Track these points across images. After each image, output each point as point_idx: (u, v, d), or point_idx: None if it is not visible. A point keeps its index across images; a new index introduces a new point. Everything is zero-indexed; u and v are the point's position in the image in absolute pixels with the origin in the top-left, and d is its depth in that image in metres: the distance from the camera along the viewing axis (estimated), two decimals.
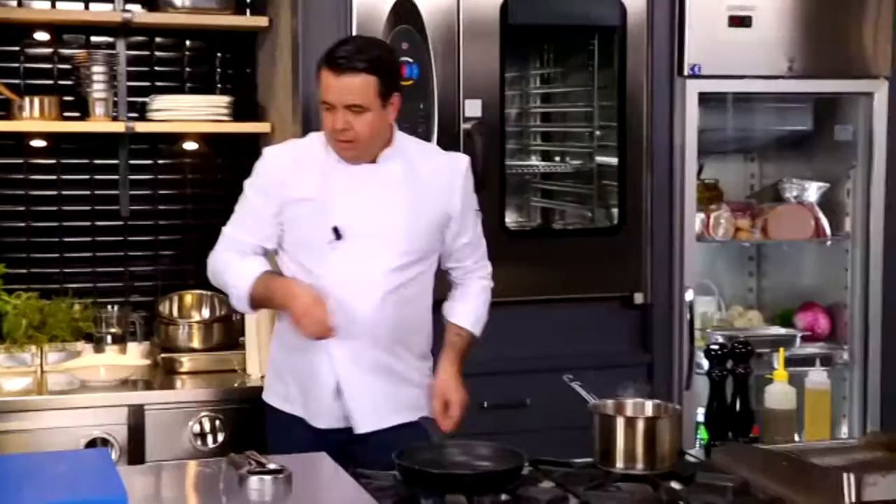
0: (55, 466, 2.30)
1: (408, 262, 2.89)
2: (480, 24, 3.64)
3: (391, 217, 2.87)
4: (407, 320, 2.93)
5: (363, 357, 2.89)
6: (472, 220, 3.02)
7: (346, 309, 2.84)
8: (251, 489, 2.27)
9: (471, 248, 3.04)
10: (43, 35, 3.92)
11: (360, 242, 2.85)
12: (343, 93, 2.75)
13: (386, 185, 2.87)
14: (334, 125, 2.78)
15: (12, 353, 3.70)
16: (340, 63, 2.75)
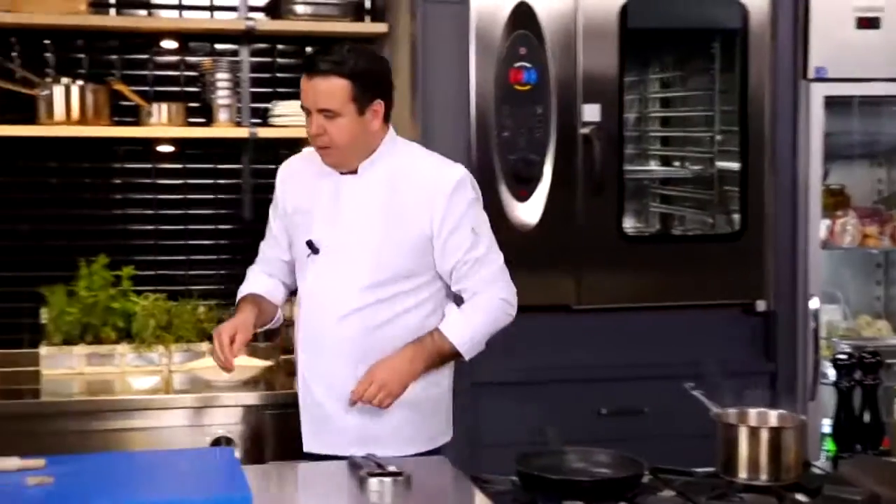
0: (181, 464, 2.36)
1: (380, 281, 2.74)
2: (599, 28, 3.61)
3: (364, 232, 2.75)
4: (382, 344, 2.75)
5: (332, 379, 2.77)
6: (466, 241, 2.76)
7: (312, 324, 2.81)
8: (371, 491, 2.30)
9: (468, 270, 2.79)
10: (170, 43, 4.02)
11: (333, 257, 2.77)
12: (313, 96, 2.69)
13: (363, 198, 2.77)
14: (309, 129, 2.73)
15: (141, 352, 3.80)
16: (312, 65, 2.70)
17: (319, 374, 2.80)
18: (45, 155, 3.96)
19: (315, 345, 2.81)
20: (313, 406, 2.83)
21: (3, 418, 3.37)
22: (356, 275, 2.75)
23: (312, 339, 2.81)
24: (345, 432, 2.77)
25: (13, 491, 2.08)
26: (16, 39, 3.92)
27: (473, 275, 2.80)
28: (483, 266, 2.81)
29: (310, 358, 2.83)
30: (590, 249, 3.62)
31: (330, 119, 2.69)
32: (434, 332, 2.79)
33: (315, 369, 2.81)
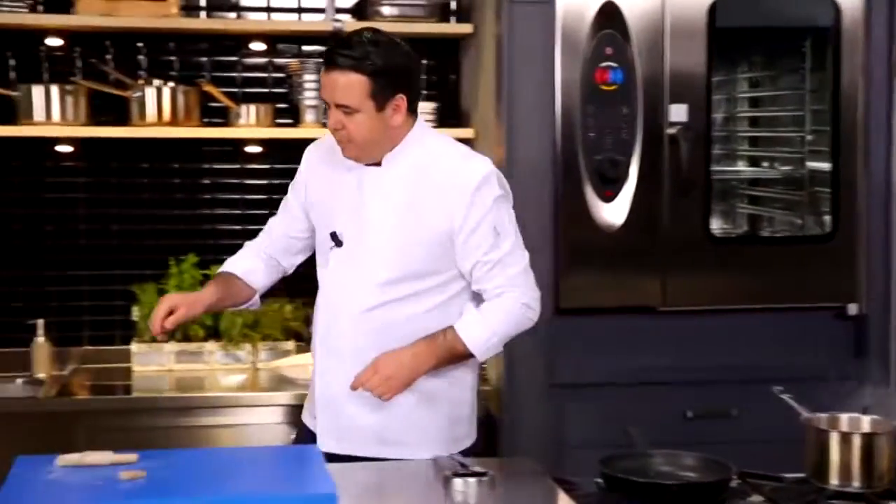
0: (268, 461, 2.38)
1: (400, 278, 2.66)
2: (687, 27, 3.57)
3: (385, 226, 2.66)
4: (401, 342, 2.65)
5: (344, 375, 2.66)
6: (487, 241, 2.65)
7: (329, 318, 2.74)
8: (455, 491, 2.29)
9: (487, 272, 2.67)
10: (259, 45, 4.07)
11: (354, 250, 2.69)
12: (331, 91, 2.59)
13: (385, 191, 2.67)
14: (328, 123, 2.66)
15: (228, 350, 3.86)
16: (329, 58, 2.60)
17: (337, 371, 2.70)
18: (136, 156, 4.03)
19: (332, 340, 2.72)
20: (331, 404, 2.72)
21: (96, 413, 3.45)
22: (376, 270, 2.66)
23: (330, 334, 2.72)
24: (364, 431, 2.70)
25: (107, 485, 2.12)
26: (110, 43, 4.00)
27: (494, 276, 2.67)
28: (504, 268, 2.67)
29: (327, 354, 2.74)
30: (676, 251, 3.58)
31: (348, 115, 2.59)
32: (448, 330, 2.66)
33: (332, 366, 2.72)
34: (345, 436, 2.71)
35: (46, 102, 3.76)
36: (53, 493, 2.10)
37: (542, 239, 3.49)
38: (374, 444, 2.69)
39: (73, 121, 3.79)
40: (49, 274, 3.99)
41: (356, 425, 2.71)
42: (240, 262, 2.92)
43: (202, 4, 4.07)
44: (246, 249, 2.96)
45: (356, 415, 2.70)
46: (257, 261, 2.92)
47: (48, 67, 3.98)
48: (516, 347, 3.50)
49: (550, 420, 3.54)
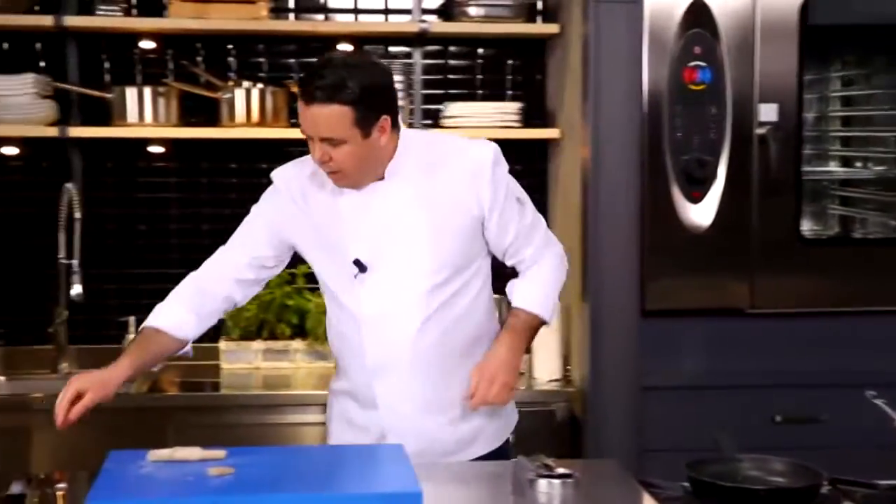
0: (354, 459, 2.39)
1: (444, 280, 2.60)
2: (778, 26, 3.52)
3: (412, 237, 2.58)
4: (460, 339, 2.65)
5: (411, 397, 2.63)
6: (516, 212, 2.66)
7: (384, 345, 2.61)
8: (539, 492, 2.29)
9: (524, 240, 2.69)
10: (346, 46, 4.10)
11: (385, 270, 2.59)
12: (313, 125, 2.46)
13: (399, 203, 2.58)
14: (314, 156, 2.51)
15: (314, 348, 3.89)
16: (310, 93, 2.43)
17: (399, 392, 2.64)
18: (226, 156, 4.09)
19: (390, 364, 2.62)
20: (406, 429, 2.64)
21: (185, 410, 3.51)
22: (418, 280, 2.59)
23: (387, 359, 2.62)
24: (444, 443, 2.68)
25: (196, 480, 2.15)
26: (201, 45, 4.07)
27: (529, 243, 2.70)
28: (535, 231, 2.72)
29: (385, 378, 2.64)
30: (765, 252, 3.54)
31: (335, 146, 2.47)
32: (517, 312, 2.68)
33: (393, 388, 2.64)
34: (425, 451, 2.64)
35: (139, 104, 3.83)
36: (145, 487, 2.13)
37: (628, 240, 3.47)
38: (453, 454, 2.69)
39: (164, 122, 3.86)
40: (141, 272, 4.06)
41: (434, 438, 2.67)
42: (165, 316, 2.71)
43: (291, 6, 4.11)
44: (174, 299, 2.73)
45: (433, 429, 2.67)
46: (185, 312, 2.71)
47: (141, 70, 4.06)
48: (602, 349, 3.50)
49: (636, 423, 3.51)
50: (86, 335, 3.98)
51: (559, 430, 3.59)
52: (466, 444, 2.71)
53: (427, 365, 2.62)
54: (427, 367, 2.62)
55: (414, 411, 2.65)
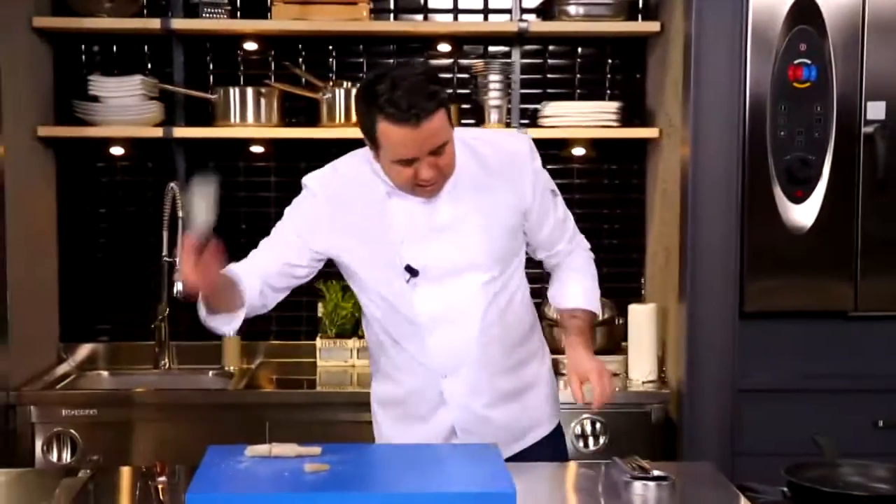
0: (448, 457, 2.40)
1: (495, 276, 2.61)
2: (888, 22, 3.44)
3: (462, 236, 2.56)
4: (516, 328, 2.68)
5: (481, 391, 2.64)
6: (551, 203, 2.69)
7: (450, 347, 2.60)
8: (635, 494, 2.27)
9: (559, 231, 2.73)
10: (444, 46, 4.12)
11: (438, 272, 2.57)
12: (425, 141, 2.39)
13: (448, 203, 2.56)
14: (420, 177, 2.43)
15: None
16: (415, 113, 2.34)
17: (469, 388, 2.64)
18: (325, 155, 4.10)
19: (459, 363, 2.62)
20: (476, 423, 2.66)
21: (282, 406, 3.57)
22: (472, 279, 2.59)
23: (455, 359, 2.62)
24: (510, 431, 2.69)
25: (293, 476, 2.17)
26: (302, 46, 4.12)
27: (562, 236, 2.75)
28: (568, 222, 2.77)
29: (454, 377, 2.64)
30: (870, 253, 3.45)
31: (440, 154, 2.43)
32: (575, 313, 2.73)
33: (463, 386, 2.64)
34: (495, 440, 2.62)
35: (241, 105, 3.90)
36: (242, 482, 2.17)
37: (728, 240, 3.43)
38: (514, 442, 2.70)
39: (265, 122, 3.92)
40: None
41: (503, 426, 2.68)
42: (240, 269, 2.62)
43: (391, 7, 4.14)
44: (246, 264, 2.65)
45: (502, 418, 2.68)
46: (255, 279, 2.62)
47: (244, 71, 4.12)
48: (698, 350, 3.45)
49: (733, 425, 3.46)
50: (186, 332, 4.04)
51: (654, 432, 3.56)
52: (529, 429, 2.74)
53: (492, 358, 2.64)
54: (493, 360, 2.64)
55: (484, 404, 2.66)
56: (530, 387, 2.74)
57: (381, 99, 2.36)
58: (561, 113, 3.92)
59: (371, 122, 2.40)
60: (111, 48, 4.08)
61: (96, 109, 3.86)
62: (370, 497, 2.11)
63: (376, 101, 2.37)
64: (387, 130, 2.38)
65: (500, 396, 2.68)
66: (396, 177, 2.47)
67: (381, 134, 2.39)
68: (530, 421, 2.74)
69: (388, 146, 2.41)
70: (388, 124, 2.37)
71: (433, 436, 2.68)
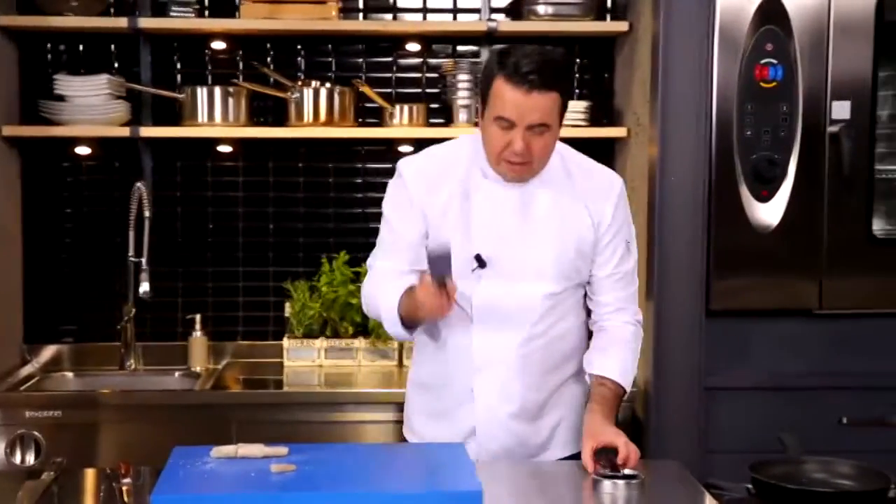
0: (414, 457, 2.40)
1: (558, 291, 2.65)
2: (853, 23, 3.47)
3: (539, 240, 2.62)
4: (560, 353, 2.70)
5: (509, 397, 2.66)
6: (621, 251, 2.70)
7: (493, 343, 2.64)
8: (604, 493, 2.28)
9: (611, 284, 2.70)
10: (414, 46, 4.11)
11: (505, 269, 2.61)
12: (529, 112, 2.47)
13: (534, 207, 2.63)
14: (512, 146, 2.51)
15: (376, 347, 3.91)
16: (532, 80, 2.45)
17: (499, 390, 2.67)
18: (293, 155, 4.12)
19: (496, 361, 2.65)
20: (497, 424, 2.68)
21: (249, 406, 3.55)
22: (536, 285, 2.63)
23: (494, 356, 2.65)
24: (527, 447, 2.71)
25: (259, 477, 2.17)
26: (270, 45, 4.10)
27: (620, 289, 2.72)
28: (628, 285, 2.74)
29: (487, 374, 2.66)
30: (835, 252, 3.48)
31: (538, 134, 2.51)
32: (604, 381, 2.65)
33: (494, 386, 2.67)
34: (511, 454, 2.70)
35: (209, 104, 3.88)
36: (208, 483, 2.16)
37: (695, 239, 3.44)
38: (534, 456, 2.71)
39: (233, 122, 3.90)
40: (207, 270, 4.11)
41: (521, 438, 2.70)
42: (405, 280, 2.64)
43: (360, 7, 4.13)
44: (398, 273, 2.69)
45: (522, 429, 2.69)
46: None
47: (211, 70, 4.10)
48: (665, 349, 3.46)
49: (699, 424, 3.47)
50: (153, 332, 4.04)
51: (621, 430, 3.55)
52: (545, 448, 2.73)
53: (529, 369, 2.66)
54: (529, 372, 2.66)
55: (508, 411, 2.67)
56: (558, 410, 2.73)
57: (509, 60, 2.48)
58: None
59: (489, 77, 2.52)
60: (77, 47, 4.05)
61: (62, 109, 3.82)
62: (337, 497, 2.11)
63: (503, 61, 2.49)
64: (499, 88, 2.49)
65: (527, 409, 2.68)
66: (490, 140, 2.55)
67: (494, 91, 2.50)
68: (549, 442, 2.74)
69: (495, 102, 2.50)
70: (502, 82, 2.48)
71: (453, 434, 2.69)
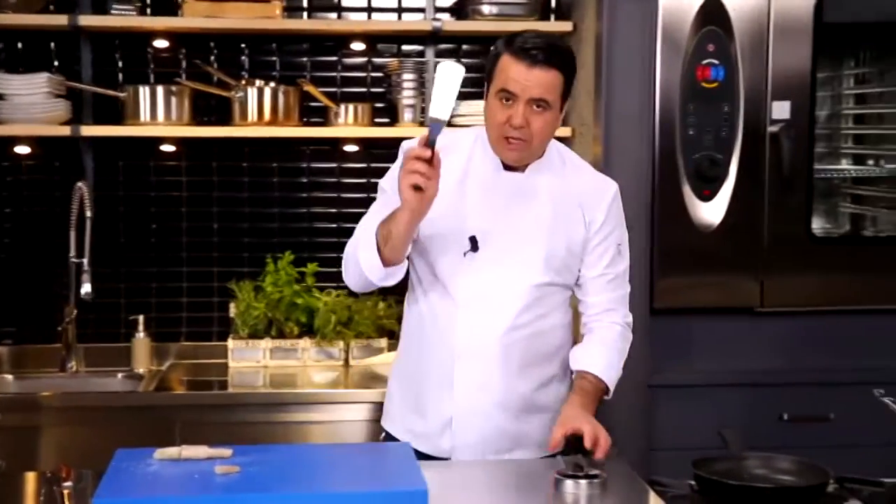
0: (359, 458, 2.40)
1: (546, 283, 2.68)
2: (792, 24, 3.51)
3: (532, 228, 2.67)
4: (544, 346, 2.72)
5: (488, 386, 2.67)
6: (612, 254, 2.74)
7: (477, 329, 2.66)
8: (566, 492, 2.29)
9: (601, 285, 2.75)
10: (358, 45, 4.10)
11: (496, 254, 2.65)
12: (532, 86, 2.54)
13: (531, 197, 2.67)
14: (511, 119, 2.57)
15: (321, 347, 3.90)
16: (534, 55, 2.54)
17: (479, 378, 2.68)
18: (237, 155, 4.10)
19: (478, 349, 2.67)
20: (477, 414, 2.69)
21: (193, 408, 3.52)
22: (525, 274, 2.66)
23: (477, 343, 2.67)
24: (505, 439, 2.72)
25: (202, 479, 2.15)
26: (214, 44, 4.07)
27: (610, 290, 2.76)
28: (617, 288, 2.77)
29: (468, 362, 2.68)
30: (775, 250, 3.53)
31: (538, 112, 2.57)
32: (585, 374, 2.68)
33: (474, 374, 2.68)
34: (489, 447, 2.71)
35: (152, 103, 3.84)
36: (151, 486, 2.13)
37: (639, 238, 3.45)
38: (508, 451, 2.72)
39: (176, 121, 3.86)
40: (151, 271, 4.08)
41: (498, 431, 2.71)
42: None
43: (304, 5, 4.11)
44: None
45: (499, 422, 2.70)
46: None
47: (154, 69, 4.06)
48: None
49: (644, 421, 3.50)
50: (95, 334, 4.00)
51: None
52: (520, 446, 2.74)
53: (510, 358, 2.67)
54: (509, 361, 2.67)
55: (487, 400, 2.69)
56: (538, 408, 2.74)
57: (518, 39, 2.58)
58: (475, 112, 3.91)
59: (496, 56, 2.61)
60: (16, 45, 3.99)
61: (1, 107, 3.77)
62: (282, 498, 2.10)
63: (512, 40, 2.59)
64: (504, 63, 2.58)
65: (507, 401, 2.69)
66: (492, 115, 2.61)
67: (499, 67, 2.59)
68: (527, 438, 2.74)
69: (498, 77, 2.59)
70: (508, 57, 2.57)
71: (432, 426, 2.70)
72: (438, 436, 2.72)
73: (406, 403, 2.80)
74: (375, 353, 3.91)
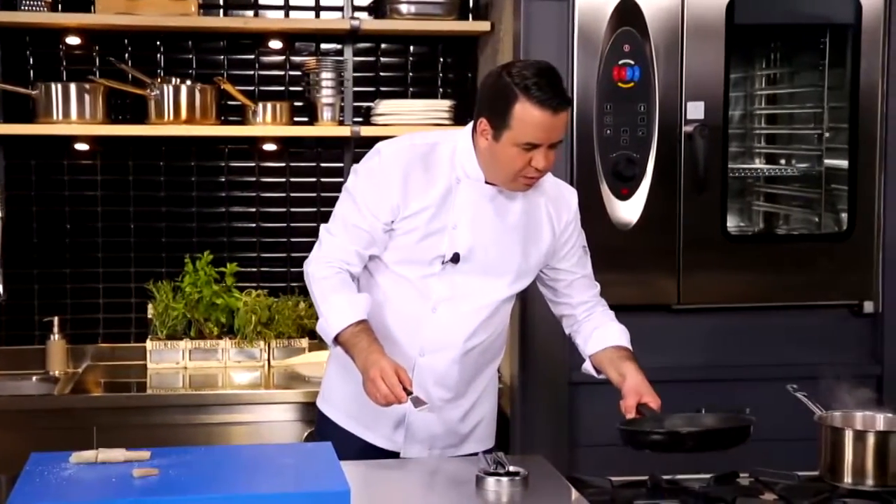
0: (280, 458, 2.38)
1: (516, 292, 2.80)
2: (705, 25, 3.56)
3: (510, 246, 2.71)
4: (496, 345, 2.83)
5: (446, 381, 2.74)
6: (581, 255, 2.85)
7: (446, 328, 2.70)
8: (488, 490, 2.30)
9: (584, 284, 2.86)
10: (276, 43, 4.08)
11: (476, 264, 2.68)
12: (555, 131, 2.52)
13: (509, 211, 2.70)
14: (536, 165, 2.53)
15: (242, 347, 3.87)
16: (557, 104, 2.48)
17: (439, 374, 2.73)
18: (153, 154, 4.05)
19: (443, 346, 2.72)
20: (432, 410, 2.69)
21: (111, 410, 3.47)
22: (502, 283, 2.73)
23: (443, 341, 2.72)
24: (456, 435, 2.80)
25: (120, 482, 2.12)
26: (128, 41, 4.02)
27: (591, 287, 2.87)
28: (593, 284, 2.89)
29: (431, 357, 2.72)
30: (691, 248, 3.58)
31: (554, 149, 2.56)
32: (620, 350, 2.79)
33: (434, 369, 2.72)
34: (439, 441, 2.78)
35: (65, 101, 3.78)
36: (66, 490, 2.10)
37: None
38: (455, 447, 2.80)
39: (91, 119, 3.80)
40: (65, 271, 4.01)
41: (449, 426, 2.78)
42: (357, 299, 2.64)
43: (220, 3, 4.07)
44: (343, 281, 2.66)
45: (451, 418, 2.77)
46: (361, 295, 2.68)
47: (67, 66, 3.99)
48: (530, 345, 3.51)
49: (565, 418, 3.53)
50: (8, 336, 3.93)
51: None
52: (469, 439, 2.82)
53: (467, 359, 2.74)
54: (466, 361, 2.74)
55: (443, 396, 2.74)
56: (482, 406, 2.85)
57: (529, 81, 2.46)
58: (393, 111, 3.93)
59: (508, 100, 2.48)
60: None
61: None
62: (201, 500, 2.08)
63: (522, 83, 2.46)
64: (525, 111, 2.46)
65: (459, 398, 2.77)
66: (508, 162, 2.54)
67: (517, 114, 2.47)
68: (470, 435, 2.83)
69: (520, 127, 2.48)
70: (530, 105, 2.46)
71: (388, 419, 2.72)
72: (390, 428, 2.75)
73: (350, 390, 2.71)
74: (297, 354, 3.89)
